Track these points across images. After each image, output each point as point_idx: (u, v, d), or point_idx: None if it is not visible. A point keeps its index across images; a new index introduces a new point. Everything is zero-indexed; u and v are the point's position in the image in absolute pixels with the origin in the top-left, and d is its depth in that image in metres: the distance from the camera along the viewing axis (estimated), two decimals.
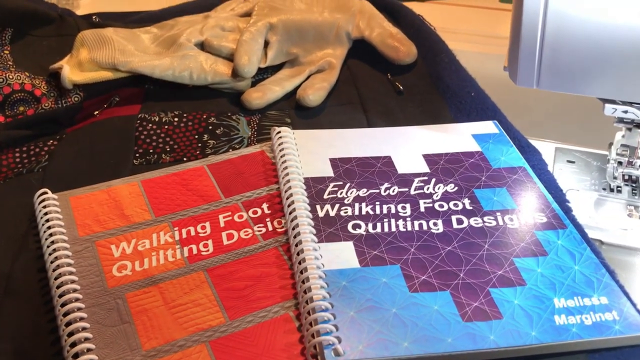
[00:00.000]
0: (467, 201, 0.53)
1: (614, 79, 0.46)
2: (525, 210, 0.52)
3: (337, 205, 0.52)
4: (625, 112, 0.50)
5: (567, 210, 0.53)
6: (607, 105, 0.50)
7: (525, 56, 0.47)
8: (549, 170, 0.58)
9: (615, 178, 0.56)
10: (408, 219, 0.51)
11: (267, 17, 0.74)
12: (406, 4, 0.93)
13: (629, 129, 0.55)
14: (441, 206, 0.52)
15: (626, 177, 0.58)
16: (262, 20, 0.73)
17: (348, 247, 0.48)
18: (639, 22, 0.41)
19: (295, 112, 0.67)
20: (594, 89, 0.48)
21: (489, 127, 0.63)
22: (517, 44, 0.46)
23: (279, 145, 0.57)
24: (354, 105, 0.69)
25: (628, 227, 0.52)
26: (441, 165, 0.57)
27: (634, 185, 0.57)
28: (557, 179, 0.58)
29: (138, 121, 0.65)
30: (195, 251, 0.48)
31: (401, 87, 0.71)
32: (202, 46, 0.72)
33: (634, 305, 0.44)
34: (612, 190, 0.57)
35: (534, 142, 0.62)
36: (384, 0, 0.82)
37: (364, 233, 0.49)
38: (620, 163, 0.57)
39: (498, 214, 0.51)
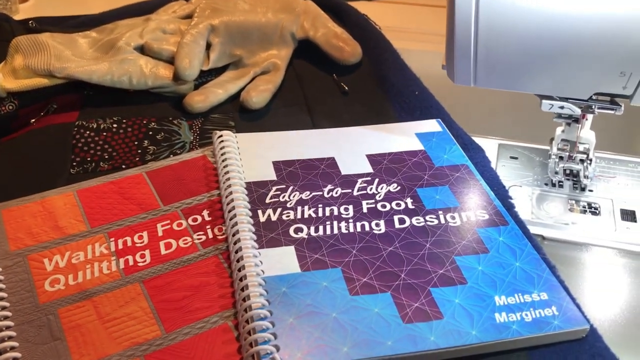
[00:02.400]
0: (409, 200, 0.52)
1: (549, 76, 0.46)
2: (468, 207, 0.52)
3: (279, 210, 0.51)
4: (562, 107, 0.50)
5: (510, 207, 0.53)
6: (544, 101, 0.50)
7: (461, 55, 0.47)
8: (492, 167, 0.58)
9: (556, 173, 0.57)
10: (350, 220, 0.50)
11: (209, 18, 0.72)
12: (352, 3, 0.93)
13: (568, 124, 0.55)
14: (384, 206, 0.52)
15: (567, 172, 0.58)
16: (203, 22, 0.71)
17: (289, 251, 0.47)
18: (570, 18, 0.41)
19: (240, 115, 0.66)
20: (530, 86, 0.48)
21: (432, 125, 0.63)
22: (452, 43, 0.46)
23: (221, 149, 0.56)
24: (299, 106, 0.68)
25: (569, 222, 0.53)
26: (384, 165, 0.57)
27: (574, 179, 0.58)
28: (500, 175, 0.58)
29: (75, 129, 0.63)
30: (131, 262, 0.46)
31: (346, 87, 0.70)
32: (143, 50, 0.70)
33: (573, 299, 0.44)
34: (553, 185, 0.57)
35: (478, 140, 0.62)
36: (329, 0, 0.82)
37: (306, 237, 0.48)
38: (561, 158, 0.58)
39: (440, 212, 0.51)
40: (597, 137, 0.57)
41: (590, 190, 0.56)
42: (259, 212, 0.50)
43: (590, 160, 0.57)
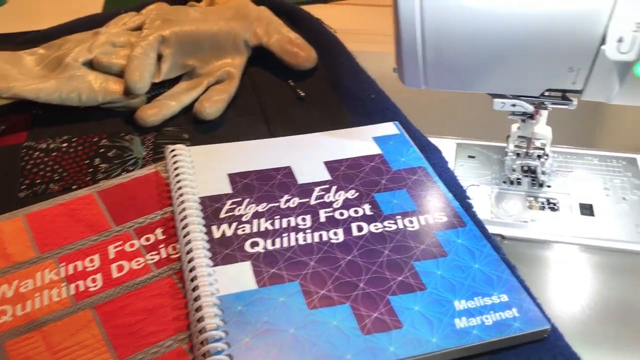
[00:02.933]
0: (367, 207, 0.52)
1: (499, 75, 0.46)
2: (426, 211, 0.51)
3: (234, 224, 0.50)
4: (514, 105, 0.50)
5: (468, 207, 0.53)
6: (496, 100, 0.50)
7: (409, 57, 0.46)
8: (449, 167, 0.58)
9: (513, 170, 0.57)
10: (308, 231, 0.49)
11: (159, 29, 0.71)
12: (306, 7, 0.92)
13: (523, 121, 0.55)
14: (341, 214, 0.51)
15: (525, 168, 0.58)
16: (153, 34, 0.70)
17: (245, 267, 0.46)
18: (516, 16, 0.41)
19: (194, 126, 0.65)
20: (481, 86, 0.48)
21: (389, 128, 0.62)
22: (399, 45, 0.46)
23: (173, 164, 0.55)
24: (255, 115, 0.67)
25: (528, 219, 0.53)
26: (342, 171, 0.56)
27: (532, 175, 0.57)
28: (458, 175, 0.58)
29: (24, 150, 0.61)
30: (82, 288, 0.45)
31: (302, 94, 0.69)
32: (92, 64, 0.68)
33: (533, 299, 0.44)
34: (512, 182, 0.57)
35: (436, 140, 0.61)
36: (282, 4, 0.81)
37: (263, 251, 0.47)
38: (518, 155, 0.58)
39: (398, 217, 0.50)
40: (553, 132, 0.57)
41: (549, 186, 0.56)
42: (214, 228, 0.49)
43: (547, 155, 0.57)
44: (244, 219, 0.50)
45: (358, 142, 0.60)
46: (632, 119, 0.46)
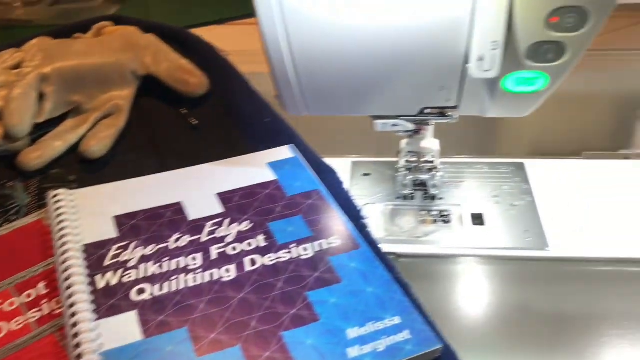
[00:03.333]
0: (261, 237, 0.51)
1: (375, 97, 0.46)
2: (320, 236, 0.51)
3: (120, 271, 0.47)
4: (395, 125, 0.50)
5: (363, 228, 0.53)
6: (376, 122, 0.50)
7: (284, 85, 0.46)
8: (344, 188, 0.58)
9: (405, 186, 0.57)
10: (198, 271, 0.48)
11: (40, 66, 0.68)
12: (204, 28, 0.91)
13: (410, 136, 0.56)
14: (234, 249, 0.50)
15: (417, 182, 0.59)
16: (33, 72, 0.67)
17: (131, 318, 0.44)
18: (384, 37, 0.41)
19: (81, 167, 0.62)
20: (360, 109, 0.48)
21: (284, 152, 0.61)
22: (273, 74, 0.45)
23: (55, 211, 0.52)
24: (146, 148, 0.65)
25: (421, 235, 0.53)
26: (236, 202, 0.55)
27: (424, 189, 0.58)
28: (355, 194, 0.58)
29: None
30: None
31: (195, 122, 0.68)
32: None
33: (427, 318, 0.44)
34: (405, 198, 0.57)
35: (332, 160, 0.61)
36: (171, 30, 0.79)
37: (150, 298, 0.45)
38: (409, 170, 0.58)
39: (292, 245, 0.50)
40: (444, 143, 0.58)
41: (440, 199, 0.57)
42: (98, 277, 0.47)
43: (437, 168, 0.57)
44: (130, 264, 0.48)
45: (252, 169, 0.59)
46: (518, 124, 0.47)
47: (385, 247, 0.51)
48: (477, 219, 0.54)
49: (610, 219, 0.53)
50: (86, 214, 0.53)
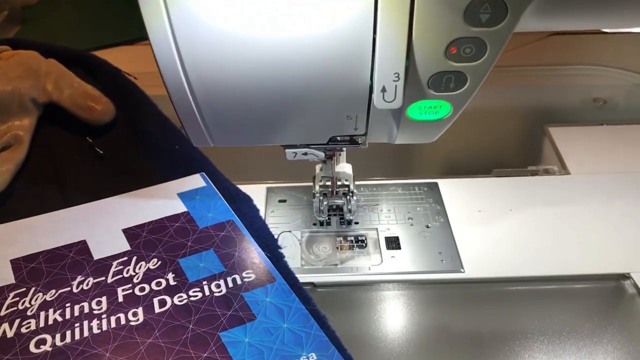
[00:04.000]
0: (171, 276, 0.49)
1: (281, 127, 0.45)
2: (234, 270, 0.49)
3: (17, 321, 0.44)
4: (305, 154, 0.49)
5: (279, 258, 0.52)
6: (287, 151, 0.49)
7: (186, 117, 0.44)
8: (260, 216, 0.56)
9: (321, 212, 0.56)
10: (104, 316, 0.45)
11: None
12: (114, 49, 0.87)
13: (324, 162, 0.55)
14: (142, 289, 0.47)
15: (333, 207, 0.58)
16: None
17: None
18: (286, 65, 0.40)
19: None
20: (269, 139, 0.46)
21: (195, 181, 0.60)
22: (174, 107, 0.43)
23: None
24: (49, 182, 0.61)
25: (338, 262, 0.52)
26: (144, 238, 0.52)
27: (340, 214, 0.57)
28: (270, 223, 0.57)
29: None
30: None
31: (101, 152, 0.65)
32: None
33: (343, 352, 0.43)
34: (322, 224, 0.57)
35: (247, 187, 0.60)
36: (74, 54, 0.75)
37: (50, 349, 0.42)
38: (324, 195, 0.58)
39: (204, 282, 0.48)
40: (356, 167, 0.57)
41: (356, 223, 0.57)
42: None
43: (352, 192, 0.57)
44: (29, 312, 0.45)
45: (162, 200, 0.57)
46: (430, 144, 0.47)
47: (302, 277, 0.50)
48: (393, 243, 0.54)
49: (521, 237, 0.54)
50: None
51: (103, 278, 0.48)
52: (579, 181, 0.61)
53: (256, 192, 0.60)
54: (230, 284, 0.48)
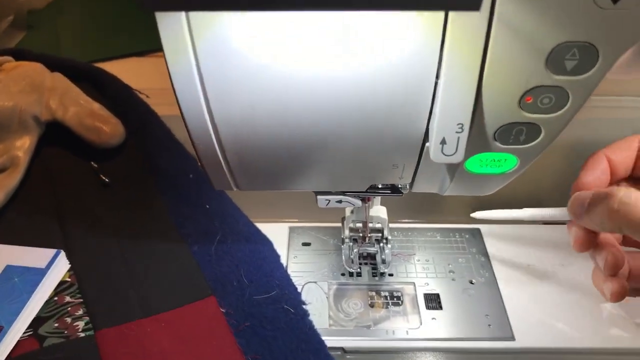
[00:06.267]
0: None
1: (316, 174, 0.39)
2: None
3: None
4: (340, 202, 0.43)
5: (303, 317, 0.45)
6: (319, 197, 0.43)
7: (210, 163, 0.38)
8: (281, 263, 0.50)
9: (352, 261, 0.50)
10: None
11: None
12: (121, 61, 0.81)
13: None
14: None
15: (364, 255, 0.52)
16: None
17: None
18: (324, 112, 0.34)
19: None
20: (302, 184, 0.40)
21: None
22: (195, 148, 0.37)
23: None
24: (46, 214, 0.55)
25: (371, 322, 0.46)
26: None
27: (372, 263, 0.51)
28: (292, 271, 0.51)
29: None
30: None
31: (107, 179, 0.58)
32: None
33: None
34: (351, 275, 0.50)
35: (267, 226, 0.54)
36: (82, 67, 0.69)
37: None
38: (355, 240, 0.51)
39: None
40: (390, 205, 0.51)
41: (390, 275, 0.50)
42: None
43: (387, 239, 0.51)
44: None
45: None
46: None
47: (329, 341, 0.44)
48: (433, 301, 0.48)
49: (577, 299, 0.48)
50: None
51: None
52: None
53: (277, 233, 0.54)
54: None
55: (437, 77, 0.31)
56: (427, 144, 0.35)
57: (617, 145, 0.44)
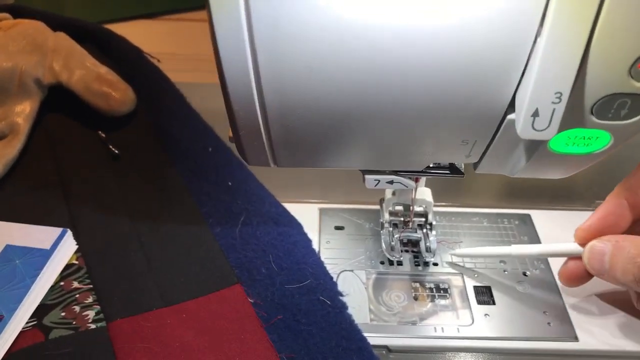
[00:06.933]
0: None
1: (371, 149, 0.33)
2: None
3: None
4: (391, 182, 0.38)
5: (342, 310, 0.40)
6: (368, 177, 0.38)
7: (248, 135, 0.32)
8: (313, 249, 0.45)
9: (392, 249, 0.45)
10: None
11: None
12: (127, 23, 0.75)
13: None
14: None
15: (405, 241, 0.47)
16: None
17: None
18: (390, 79, 0.28)
19: None
20: (350, 161, 0.35)
21: None
22: (233, 121, 0.32)
23: None
24: (50, 188, 0.50)
25: (416, 318, 0.41)
26: None
27: (414, 251, 0.46)
28: (325, 258, 0.45)
29: None
30: None
31: (116, 151, 0.53)
32: None
33: None
34: (391, 263, 0.45)
35: (295, 207, 0.48)
36: (88, 27, 0.63)
37: None
38: (395, 226, 0.46)
39: None
40: (432, 190, 0.46)
41: (435, 264, 0.45)
42: None
43: (431, 224, 0.45)
44: None
45: None
46: None
47: (371, 338, 0.39)
48: (484, 294, 0.43)
49: None
50: None
51: None
52: None
53: (306, 215, 0.49)
54: None
55: (537, 34, 0.26)
56: (509, 117, 0.30)
57: (637, 181, 0.39)
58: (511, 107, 0.29)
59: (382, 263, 0.45)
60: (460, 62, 0.27)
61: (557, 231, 0.48)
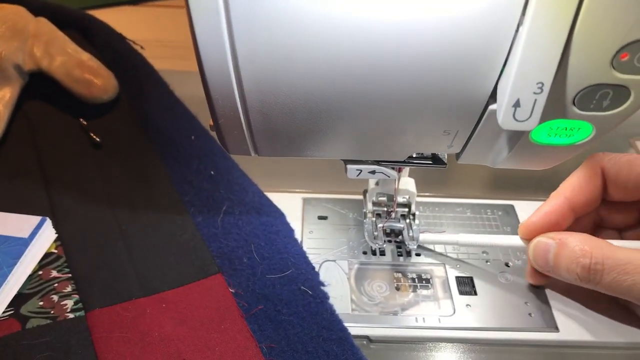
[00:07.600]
0: None
1: (351, 139, 0.33)
2: None
3: None
4: (373, 172, 0.37)
5: (323, 300, 0.40)
6: (350, 167, 0.37)
7: (227, 123, 0.32)
8: (296, 239, 0.45)
9: (375, 238, 0.45)
10: None
11: None
12: (112, 9, 0.74)
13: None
14: None
15: (388, 231, 0.46)
16: None
17: None
18: (369, 68, 0.28)
19: None
20: (331, 151, 0.34)
21: None
22: (213, 109, 0.31)
23: None
24: (30, 176, 0.49)
25: (398, 308, 0.41)
26: None
27: (397, 241, 0.46)
28: (308, 248, 0.45)
29: None
30: None
31: (97, 139, 0.52)
32: None
33: None
34: (374, 253, 0.45)
35: (278, 196, 0.48)
36: (70, 13, 0.62)
37: None
38: (379, 215, 0.46)
39: None
40: (415, 181, 0.46)
41: (417, 255, 0.45)
42: None
43: (414, 214, 0.45)
44: None
45: None
46: None
47: (353, 328, 0.39)
48: (465, 285, 0.43)
49: None
50: None
51: None
52: None
53: (289, 204, 0.48)
54: None
55: (519, 24, 0.26)
56: (491, 107, 0.30)
57: (577, 182, 0.39)
58: (493, 97, 0.29)
59: (364, 253, 0.45)
60: (441, 51, 0.27)
61: None
